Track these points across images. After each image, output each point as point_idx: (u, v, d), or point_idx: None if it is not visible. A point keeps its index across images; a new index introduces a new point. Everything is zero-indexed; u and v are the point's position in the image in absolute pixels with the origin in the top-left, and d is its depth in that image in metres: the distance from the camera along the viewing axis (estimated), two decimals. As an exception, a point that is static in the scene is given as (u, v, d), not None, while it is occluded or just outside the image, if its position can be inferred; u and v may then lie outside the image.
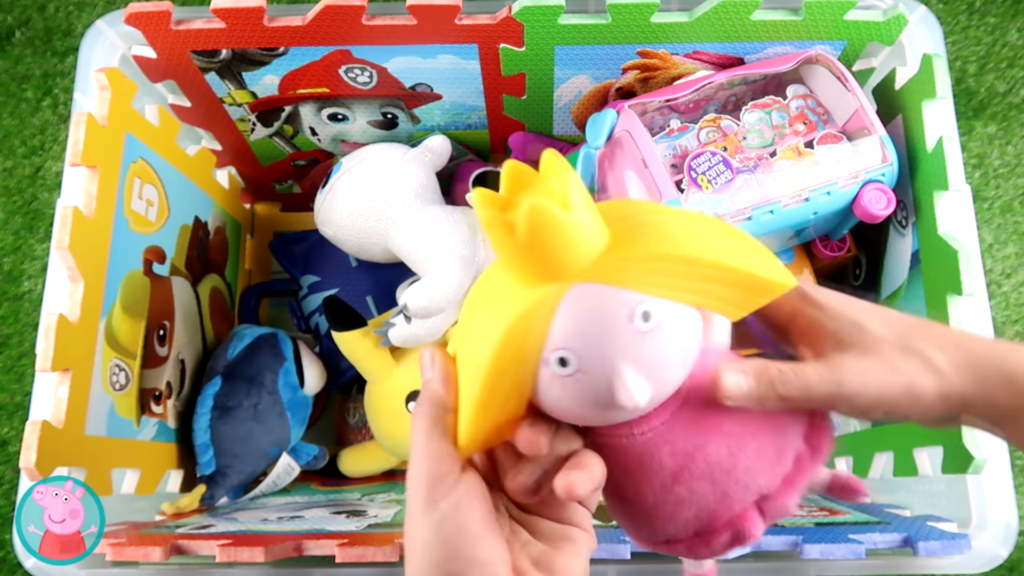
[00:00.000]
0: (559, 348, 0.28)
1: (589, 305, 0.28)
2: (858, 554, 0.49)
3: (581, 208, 0.27)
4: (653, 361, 0.29)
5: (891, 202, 0.60)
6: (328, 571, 0.52)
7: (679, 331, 0.29)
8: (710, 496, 0.32)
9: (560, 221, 0.26)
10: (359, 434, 0.81)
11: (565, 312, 0.28)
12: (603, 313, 0.28)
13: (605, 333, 0.28)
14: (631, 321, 0.28)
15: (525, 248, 0.27)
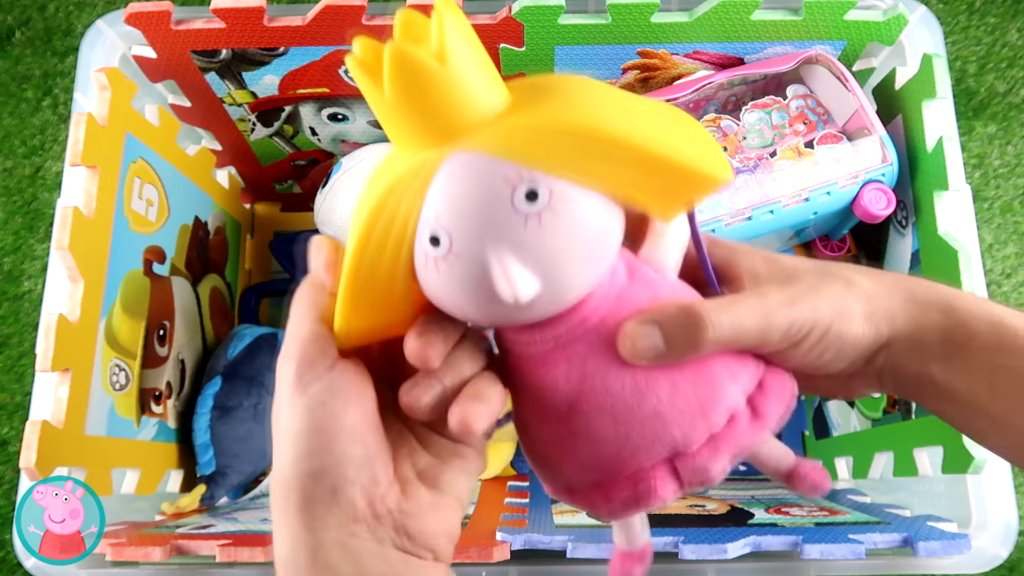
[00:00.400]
0: (431, 224, 0.25)
1: (466, 176, 0.24)
2: (858, 554, 0.49)
3: (463, 61, 0.23)
4: (541, 251, 0.24)
5: (891, 202, 0.60)
6: (328, 571, 0.52)
7: (579, 220, 0.25)
8: (610, 437, 0.28)
9: (427, 71, 0.22)
10: (359, 434, 0.81)
11: (440, 182, 0.24)
12: (481, 187, 0.24)
13: (481, 211, 0.24)
14: (513, 199, 0.24)
15: (392, 104, 0.24)
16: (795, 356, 0.29)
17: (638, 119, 0.25)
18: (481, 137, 0.24)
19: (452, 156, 0.24)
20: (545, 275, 0.25)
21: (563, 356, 0.28)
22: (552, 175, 0.24)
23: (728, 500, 0.63)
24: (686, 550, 0.49)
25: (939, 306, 0.30)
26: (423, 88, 0.23)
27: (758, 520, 0.56)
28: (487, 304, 0.26)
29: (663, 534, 0.50)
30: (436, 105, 0.23)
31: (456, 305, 0.26)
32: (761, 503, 0.62)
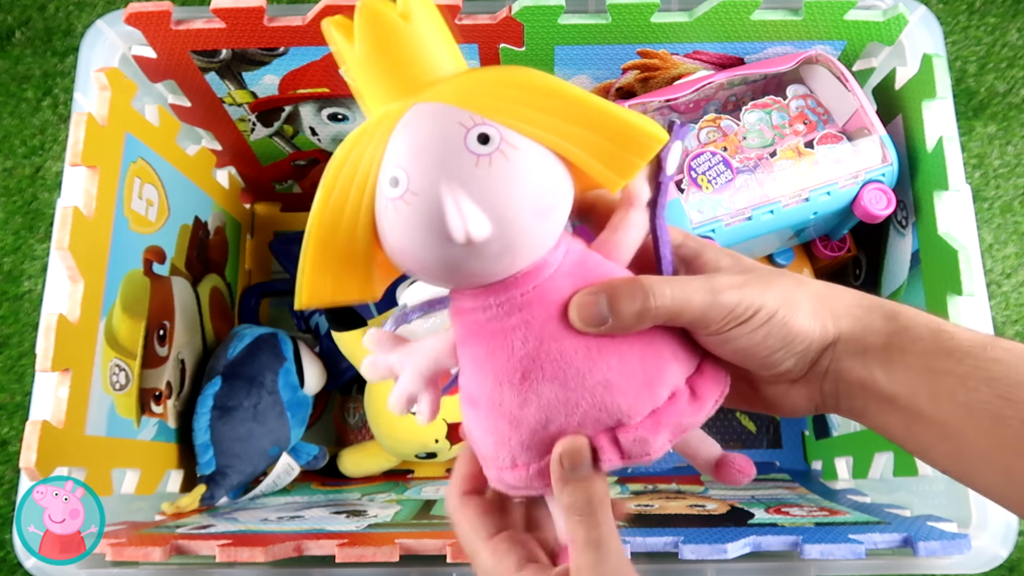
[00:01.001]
0: (390, 167, 0.27)
1: (424, 122, 0.27)
2: (858, 554, 0.49)
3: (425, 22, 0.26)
4: (491, 192, 0.26)
5: (891, 202, 0.60)
6: (328, 571, 0.52)
7: (527, 168, 0.27)
8: (560, 405, 0.29)
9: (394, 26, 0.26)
10: (359, 434, 0.81)
11: (402, 129, 0.27)
12: (437, 130, 0.26)
13: (436, 150, 0.26)
14: (465, 140, 0.26)
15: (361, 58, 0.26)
16: (740, 336, 0.30)
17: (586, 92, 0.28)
18: (440, 88, 0.27)
19: (413, 107, 0.27)
20: (496, 218, 0.26)
21: (519, 321, 0.29)
22: (505, 124, 0.26)
23: (728, 500, 0.63)
24: (686, 550, 0.49)
25: (883, 312, 0.31)
26: (389, 41, 0.26)
27: (758, 520, 0.56)
28: (441, 246, 0.27)
29: (663, 534, 0.50)
30: (400, 59, 0.26)
31: (412, 251, 0.28)
32: (761, 503, 0.62)
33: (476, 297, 0.30)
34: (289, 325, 0.84)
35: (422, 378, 0.32)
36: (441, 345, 0.32)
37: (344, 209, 0.28)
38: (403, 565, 0.51)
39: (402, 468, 0.80)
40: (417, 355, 0.32)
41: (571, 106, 0.27)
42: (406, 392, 0.32)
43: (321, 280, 0.29)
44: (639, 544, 0.49)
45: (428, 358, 0.32)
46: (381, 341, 0.32)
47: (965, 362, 0.29)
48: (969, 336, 0.30)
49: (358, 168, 0.27)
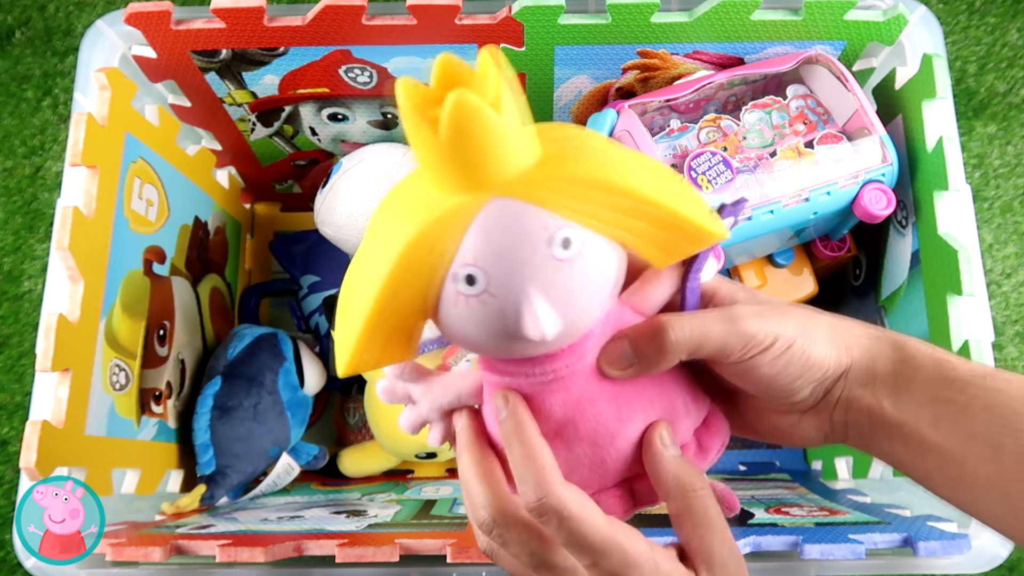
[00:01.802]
0: (468, 264, 0.26)
1: (507, 222, 0.26)
2: (858, 554, 0.49)
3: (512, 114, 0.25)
4: (567, 293, 0.27)
5: (891, 202, 0.60)
6: (328, 571, 0.52)
7: (599, 266, 0.27)
8: (586, 461, 0.31)
9: (487, 121, 0.24)
10: (359, 434, 0.81)
11: (481, 225, 0.26)
12: (521, 233, 0.26)
13: (520, 255, 0.26)
14: (550, 246, 0.26)
15: (446, 147, 0.25)
16: (762, 365, 0.31)
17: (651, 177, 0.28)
18: (521, 186, 0.26)
19: (493, 201, 0.26)
20: (566, 314, 0.27)
21: (559, 387, 0.30)
22: (580, 223, 0.27)
23: (728, 500, 0.63)
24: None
25: (890, 342, 0.32)
26: (478, 135, 0.24)
27: (758, 520, 0.56)
28: (507, 340, 0.28)
29: (663, 534, 0.50)
30: (485, 152, 0.25)
31: (471, 339, 0.28)
32: (761, 503, 0.62)
33: (520, 365, 0.30)
34: (289, 325, 0.84)
35: (439, 411, 0.33)
36: (467, 386, 0.32)
37: (406, 296, 0.27)
38: (403, 565, 0.51)
39: (402, 468, 0.80)
40: (439, 391, 0.32)
41: (645, 205, 0.27)
42: (421, 419, 0.33)
43: (371, 351, 0.29)
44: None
45: (451, 396, 0.32)
46: (403, 370, 0.33)
47: (966, 391, 0.30)
48: (970, 367, 0.31)
49: (431, 255, 0.26)
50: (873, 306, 0.68)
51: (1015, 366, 0.91)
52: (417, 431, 0.33)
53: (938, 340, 0.56)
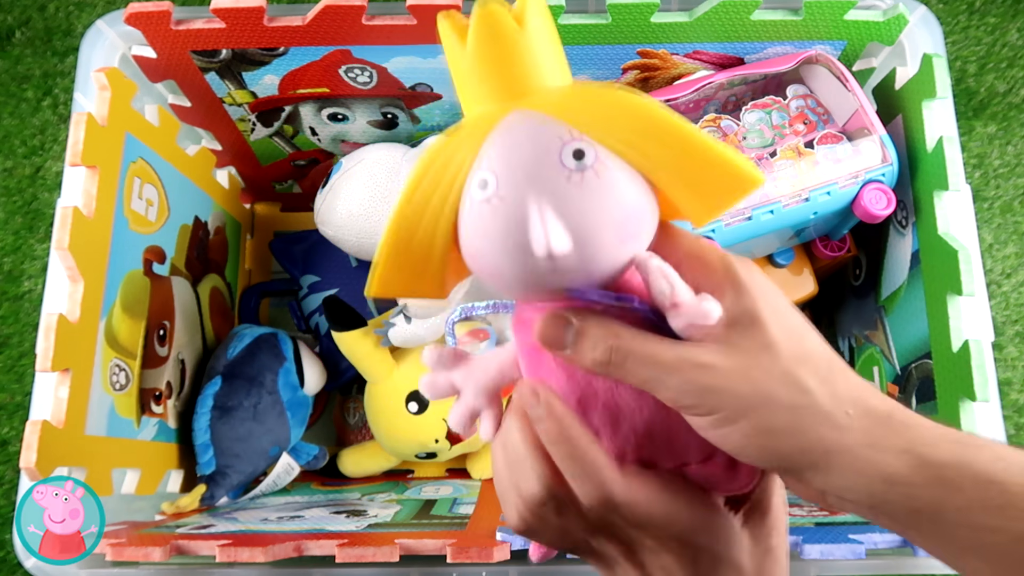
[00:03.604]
0: (481, 168, 0.26)
1: (522, 129, 0.26)
2: (858, 554, 0.49)
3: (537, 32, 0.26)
4: (578, 209, 0.25)
5: (891, 202, 0.60)
6: (328, 571, 0.52)
7: (617, 189, 0.26)
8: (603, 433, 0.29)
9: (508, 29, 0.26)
10: (359, 434, 0.81)
11: (498, 134, 0.26)
12: (534, 139, 0.26)
13: (529, 158, 0.26)
14: (560, 154, 0.26)
15: (472, 56, 0.27)
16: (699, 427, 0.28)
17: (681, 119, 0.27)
18: (542, 97, 0.27)
19: (513, 112, 0.27)
20: (578, 235, 0.26)
21: None
22: (602, 143, 0.26)
23: (728, 500, 0.63)
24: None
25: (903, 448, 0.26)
26: (501, 44, 0.26)
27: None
28: (519, 255, 0.26)
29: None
30: (508, 63, 0.26)
31: (490, 255, 0.27)
32: (761, 503, 0.61)
33: (543, 311, 0.29)
34: (289, 325, 0.84)
35: (486, 394, 0.32)
36: (506, 357, 0.31)
37: (429, 204, 0.27)
38: (403, 565, 0.51)
39: (402, 468, 0.80)
40: (480, 370, 0.32)
41: (671, 133, 0.26)
42: (469, 409, 0.32)
43: (394, 273, 0.29)
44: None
45: (493, 373, 0.31)
46: (441, 358, 0.32)
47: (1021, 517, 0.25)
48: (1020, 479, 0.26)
49: (449, 165, 0.27)
50: (873, 306, 0.68)
51: (1015, 366, 0.91)
52: (469, 427, 0.32)
53: (938, 340, 0.56)
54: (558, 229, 0.25)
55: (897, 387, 0.63)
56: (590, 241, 0.26)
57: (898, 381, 0.63)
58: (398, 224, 0.28)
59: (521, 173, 0.26)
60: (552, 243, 0.25)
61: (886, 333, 0.66)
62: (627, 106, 0.26)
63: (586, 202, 0.26)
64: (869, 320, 0.69)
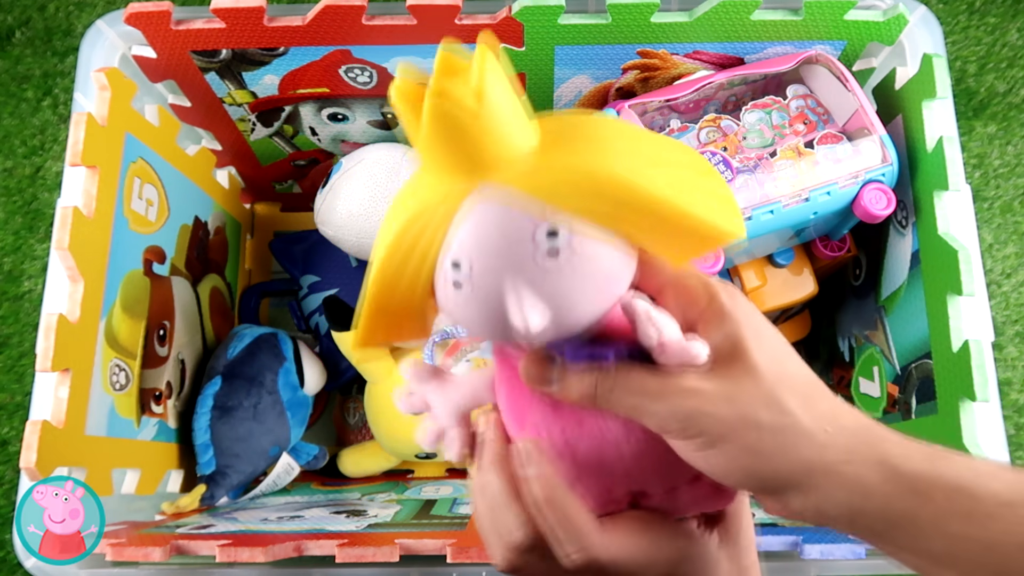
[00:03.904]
0: (452, 250, 0.26)
1: (491, 211, 0.25)
2: (858, 554, 0.49)
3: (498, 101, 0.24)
4: (555, 287, 0.25)
5: (891, 202, 0.60)
6: (328, 571, 0.52)
7: (594, 260, 0.26)
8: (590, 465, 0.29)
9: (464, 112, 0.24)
10: (359, 434, 0.81)
11: (465, 214, 0.26)
12: (503, 223, 0.25)
13: (501, 246, 0.25)
14: (534, 237, 0.25)
15: (429, 139, 0.25)
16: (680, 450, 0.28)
17: (663, 170, 0.26)
18: (509, 173, 0.25)
19: (480, 188, 0.25)
20: (556, 309, 0.26)
21: None
22: (573, 216, 0.25)
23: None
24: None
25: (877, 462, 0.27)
26: (458, 127, 0.24)
27: (758, 520, 0.56)
28: (499, 329, 0.27)
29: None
30: (469, 143, 0.25)
31: (468, 324, 0.28)
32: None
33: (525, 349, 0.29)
34: (289, 325, 0.84)
35: (457, 414, 0.32)
36: (482, 381, 0.32)
37: (404, 275, 0.27)
38: (403, 565, 0.51)
39: (402, 468, 0.80)
40: (454, 390, 0.32)
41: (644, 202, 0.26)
42: (438, 427, 0.32)
43: (378, 328, 0.29)
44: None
45: (466, 395, 0.32)
46: (420, 374, 0.32)
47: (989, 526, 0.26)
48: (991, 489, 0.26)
49: (418, 243, 0.26)
50: (873, 306, 0.68)
51: (1015, 366, 0.91)
52: (436, 443, 0.33)
53: (938, 340, 0.56)
54: (536, 310, 0.25)
55: (897, 387, 0.63)
56: (569, 312, 0.26)
57: (898, 381, 0.63)
58: (377, 290, 0.28)
59: (493, 258, 0.25)
60: (531, 323, 0.25)
61: (886, 333, 0.66)
62: (596, 177, 0.25)
63: (563, 280, 0.26)
64: (869, 320, 0.69)
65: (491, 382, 0.32)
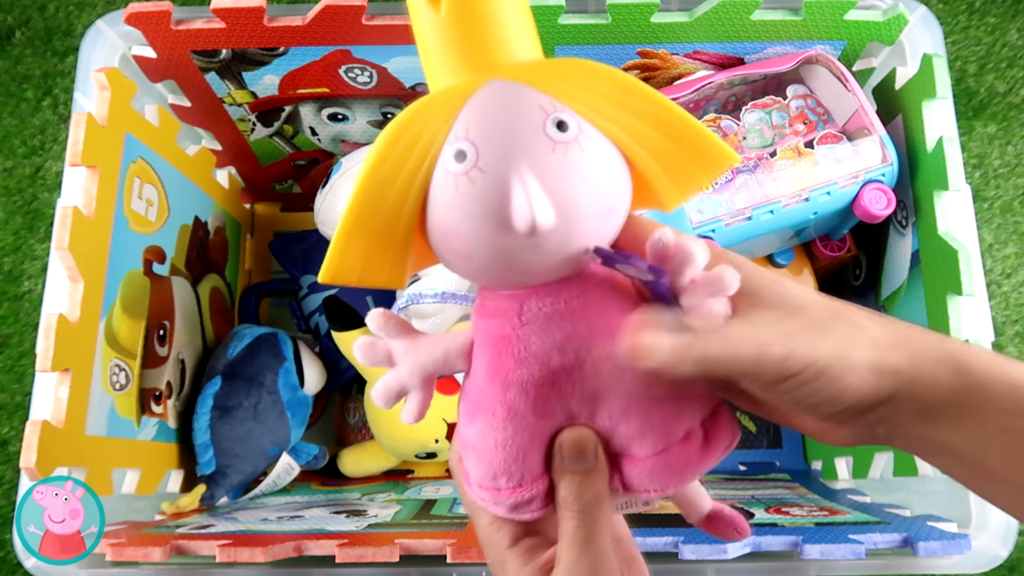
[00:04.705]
0: (460, 139, 0.25)
1: (503, 98, 0.25)
2: (858, 554, 0.49)
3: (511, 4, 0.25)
4: (561, 180, 0.24)
5: (891, 202, 0.60)
6: (328, 571, 0.52)
7: (598, 163, 0.25)
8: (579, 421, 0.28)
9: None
10: (359, 434, 0.81)
11: (476, 102, 0.25)
12: (516, 109, 0.25)
13: (513, 129, 0.24)
14: (545, 125, 0.25)
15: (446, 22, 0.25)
16: (782, 392, 0.27)
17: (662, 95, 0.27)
18: (520, 68, 0.26)
19: (490, 83, 0.25)
20: (562, 209, 0.25)
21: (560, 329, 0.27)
22: (582, 115, 0.25)
23: (728, 500, 0.63)
24: (686, 550, 0.49)
25: (953, 364, 0.27)
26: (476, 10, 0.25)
27: (758, 520, 0.56)
28: (497, 231, 0.25)
29: (663, 534, 0.50)
30: (484, 32, 0.25)
31: (463, 234, 0.25)
32: (761, 503, 0.62)
33: (513, 298, 0.28)
34: (289, 325, 0.84)
35: (421, 374, 0.29)
36: (456, 343, 0.29)
37: (395, 179, 0.25)
38: (403, 565, 0.51)
39: (402, 468, 0.80)
40: (424, 348, 0.29)
41: (649, 106, 0.26)
42: (399, 384, 0.29)
43: (353, 256, 0.27)
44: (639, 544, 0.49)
45: (438, 354, 0.29)
46: (387, 324, 0.29)
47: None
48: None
49: (420, 137, 0.25)
50: (873, 306, 0.68)
51: (1015, 366, 0.91)
52: (393, 401, 0.29)
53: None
54: (543, 200, 0.24)
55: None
56: (573, 216, 0.25)
57: (898, 381, 0.63)
58: (361, 202, 0.26)
59: (503, 143, 0.24)
60: (537, 215, 0.24)
61: (886, 333, 0.66)
62: (606, 77, 0.26)
63: (570, 175, 0.25)
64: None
65: (466, 348, 0.29)
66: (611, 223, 0.27)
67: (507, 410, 0.28)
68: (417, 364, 0.29)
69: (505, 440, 0.28)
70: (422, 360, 0.29)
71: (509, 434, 0.28)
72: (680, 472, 0.28)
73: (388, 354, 0.29)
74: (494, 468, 0.29)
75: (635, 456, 0.28)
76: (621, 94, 0.26)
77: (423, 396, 0.30)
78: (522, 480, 0.29)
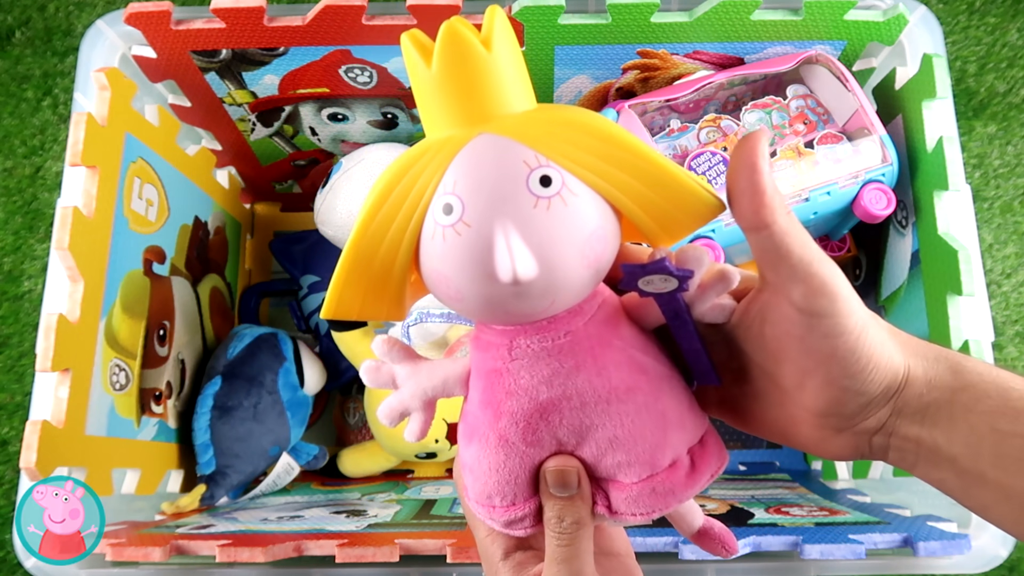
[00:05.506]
0: (447, 193, 0.26)
1: (489, 154, 0.26)
2: (858, 554, 0.49)
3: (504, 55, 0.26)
4: (543, 235, 0.26)
5: (891, 202, 0.60)
6: (328, 571, 0.52)
7: (582, 215, 0.26)
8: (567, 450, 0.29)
9: (476, 51, 0.26)
10: (359, 434, 0.81)
11: (463, 157, 0.26)
12: (501, 165, 0.26)
13: (496, 185, 0.26)
14: (529, 182, 0.26)
15: (437, 77, 0.26)
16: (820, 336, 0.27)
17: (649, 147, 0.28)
18: (508, 122, 0.27)
19: (479, 136, 0.26)
20: (544, 261, 0.26)
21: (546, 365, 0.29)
22: (567, 168, 0.26)
23: (728, 500, 0.63)
24: (686, 550, 0.49)
25: (948, 364, 0.29)
26: (467, 67, 0.26)
27: (758, 520, 0.56)
28: (484, 281, 0.26)
29: (663, 534, 0.50)
30: (474, 86, 0.26)
31: (453, 282, 0.27)
32: (761, 503, 0.62)
33: (504, 334, 0.29)
34: (289, 325, 0.84)
35: (423, 398, 0.31)
36: (455, 371, 0.31)
37: (390, 227, 0.27)
38: (403, 565, 0.51)
39: (402, 468, 0.80)
40: (426, 374, 0.31)
41: (633, 159, 0.27)
42: (402, 407, 0.31)
43: (352, 295, 0.29)
44: (639, 544, 0.49)
45: (437, 380, 0.31)
46: (391, 349, 0.31)
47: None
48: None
49: (412, 188, 0.27)
50: (873, 306, 0.68)
51: (1015, 366, 0.91)
52: (397, 421, 0.32)
53: (938, 340, 0.56)
54: (524, 254, 0.25)
55: (897, 387, 0.63)
56: (556, 267, 0.26)
57: (898, 381, 0.63)
58: (356, 249, 0.28)
59: (487, 198, 0.26)
60: (518, 269, 0.25)
61: (886, 333, 0.66)
62: (590, 130, 0.27)
63: (552, 228, 0.26)
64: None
65: (463, 376, 0.31)
66: (596, 269, 0.28)
67: (499, 437, 0.30)
68: (419, 389, 0.31)
69: (498, 464, 0.30)
70: (423, 385, 0.31)
71: (501, 459, 0.30)
72: (665, 498, 0.30)
73: (392, 378, 0.32)
74: (488, 488, 0.31)
75: (621, 483, 0.30)
76: (605, 147, 0.26)
77: (425, 417, 0.32)
78: (515, 500, 0.30)
